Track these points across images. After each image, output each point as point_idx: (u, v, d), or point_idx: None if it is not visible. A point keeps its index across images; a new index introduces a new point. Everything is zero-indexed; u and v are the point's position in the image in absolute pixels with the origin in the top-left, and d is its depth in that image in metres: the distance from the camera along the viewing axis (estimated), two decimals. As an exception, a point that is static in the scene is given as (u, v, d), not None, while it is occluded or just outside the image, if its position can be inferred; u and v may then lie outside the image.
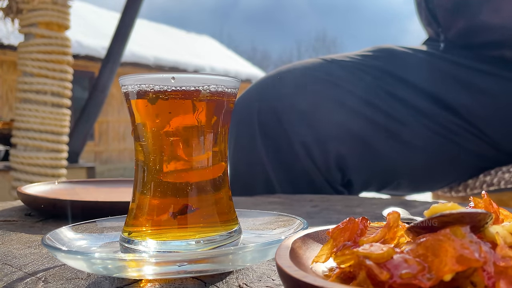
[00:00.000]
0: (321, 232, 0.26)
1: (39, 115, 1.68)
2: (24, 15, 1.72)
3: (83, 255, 0.25)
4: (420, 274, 0.18)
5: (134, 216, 0.30)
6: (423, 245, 0.18)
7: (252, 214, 0.36)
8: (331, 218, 0.46)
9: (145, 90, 0.29)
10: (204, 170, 0.30)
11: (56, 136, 1.71)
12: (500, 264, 0.18)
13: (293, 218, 0.33)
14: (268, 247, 0.26)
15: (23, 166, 1.67)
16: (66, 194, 0.53)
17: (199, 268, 0.26)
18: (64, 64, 1.73)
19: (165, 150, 0.30)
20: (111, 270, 0.25)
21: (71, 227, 0.32)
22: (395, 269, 0.18)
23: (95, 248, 0.30)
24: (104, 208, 0.43)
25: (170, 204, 0.30)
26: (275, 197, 0.63)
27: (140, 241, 0.29)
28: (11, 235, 0.38)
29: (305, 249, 0.25)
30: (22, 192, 0.48)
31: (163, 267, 0.25)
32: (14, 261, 0.30)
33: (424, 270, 0.18)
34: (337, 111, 0.68)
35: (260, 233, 0.33)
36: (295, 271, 0.19)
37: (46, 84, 1.69)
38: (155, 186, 0.30)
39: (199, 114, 0.30)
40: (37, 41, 1.68)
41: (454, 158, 0.69)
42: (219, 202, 0.31)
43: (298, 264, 0.21)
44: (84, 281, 0.26)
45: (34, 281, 0.26)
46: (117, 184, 0.60)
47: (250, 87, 0.76)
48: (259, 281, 0.26)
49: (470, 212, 0.20)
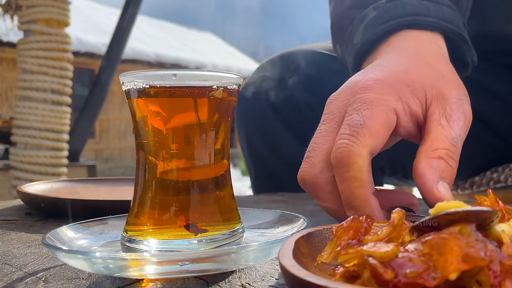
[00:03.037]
0: (325, 230, 0.26)
1: (39, 113, 1.67)
2: (24, 12, 1.71)
3: (84, 255, 0.25)
4: (425, 273, 0.17)
5: (136, 215, 0.30)
6: (428, 244, 0.18)
7: (255, 212, 0.36)
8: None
9: (146, 87, 0.29)
10: (206, 168, 0.30)
11: (57, 134, 1.71)
12: (506, 262, 0.18)
13: (296, 217, 0.32)
14: (271, 246, 0.26)
15: (23, 164, 1.67)
16: (67, 193, 0.53)
17: (201, 267, 0.25)
18: (64, 61, 1.73)
19: (167, 148, 0.29)
20: (112, 269, 0.25)
21: (72, 226, 0.31)
22: (400, 268, 0.18)
23: (96, 248, 0.30)
24: (105, 207, 0.43)
25: (172, 203, 0.29)
26: (278, 195, 0.63)
27: (142, 240, 0.29)
28: (11, 234, 0.38)
29: (309, 248, 0.24)
30: (22, 191, 0.47)
31: (164, 267, 0.25)
32: (14, 261, 0.30)
33: (429, 269, 0.17)
34: None
35: (263, 231, 0.33)
36: (298, 270, 0.19)
37: (46, 82, 1.68)
38: (156, 184, 0.30)
39: (201, 111, 0.30)
40: (37, 38, 1.68)
41: (465, 146, 0.68)
42: (221, 200, 0.31)
43: (301, 263, 0.21)
44: (85, 281, 0.26)
45: (34, 281, 0.26)
46: (118, 182, 0.60)
47: (253, 72, 0.75)
48: (262, 280, 0.26)
49: (475, 210, 0.20)
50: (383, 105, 0.32)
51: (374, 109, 0.31)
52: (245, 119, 0.74)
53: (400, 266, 0.18)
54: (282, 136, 0.69)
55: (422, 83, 0.34)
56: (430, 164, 0.31)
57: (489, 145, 0.68)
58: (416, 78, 0.34)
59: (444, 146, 0.31)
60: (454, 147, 0.32)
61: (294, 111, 0.68)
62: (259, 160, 0.73)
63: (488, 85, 0.67)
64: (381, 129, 0.31)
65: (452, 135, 0.32)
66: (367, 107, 0.31)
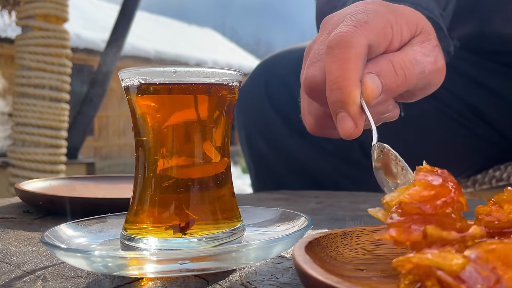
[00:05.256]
0: (331, 234, 0.26)
1: (37, 109, 1.67)
2: (22, 7, 1.70)
3: (82, 253, 0.25)
4: (496, 286, 0.17)
5: (135, 213, 0.30)
6: (492, 253, 0.17)
7: (255, 210, 0.35)
8: (336, 215, 0.46)
9: (145, 84, 0.29)
10: (206, 166, 0.30)
11: (55, 131, 1.71)
12: None
13: (297, 215, 0.32)
14: (272, 244, 0.26)
15: (21, 162, 1.67)
16: (65, 191, 0.52)
17: (201, 266, 0.25)
18: (62, 58, 1.72)
19: (166, 145, 0.29)
20: (111, 268, 0.25)
21: (71, 224, 0.31)
22: (471, 281, 0.17)
23: (95, 246, 0.30)
24: (104, 204, 0.42)
25: (172, 201, 0.29)
26: (279, 193, 0.63)
27: (141, 238, 0.29)
28: (9, 232, 0.38)
29: (321, 249, 0.24)
30: (20, 189, 0.47)
31: (164, 265, 0.25)
32: (12, 259, 0.30)
33: (498, 282, 0.17)
34: None
35: (263, 230, 0.33)
36: (327, 278, 0.18)
37: (44, 78, 1.67)
38: (156, 182, 0.29)
39: (201, 108, 0.29)
40: (35, 34, 1.67)
41: (466, 143, 0.68)
42: (222, 198, 0.30)
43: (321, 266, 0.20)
44: (84, 280, 0.26)
45: (32, 280, 0.26)
46: (117, 180, 0.60)
47: (253, 69, 0.75)
48: (263, 279, 0.26)
49: None
50: (385, 18, 0.33)
51: (377, 16, 0.32)
52: (245, 117, 0.73)
53: (471, 279, 0.17)
54: (282, 134, 0.69)
55: (415, 16, 0.36)
56: (374, 63, 0.32)
57: (491, 143, 0.68)
58: (409, 12, 0.36)
59: (403, 58, 0.32)
60: (411, 64, 0.33)
61: (294, 109, 0.68)
62: (259, 159, 0.73)
63: (489, 84, 0.67)
64: (382, 32, 0.32)
65: (417, 59, 0.33)
66: (371, 13, 0.32)
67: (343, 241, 0.26)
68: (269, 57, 0.76)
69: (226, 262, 0.26)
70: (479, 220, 0.23)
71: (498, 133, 0.67)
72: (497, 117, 0.67)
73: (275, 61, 0.73)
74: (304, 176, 0.70)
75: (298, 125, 0.69)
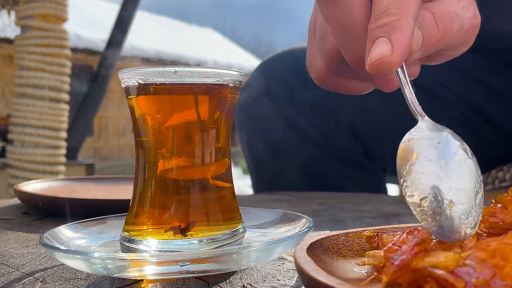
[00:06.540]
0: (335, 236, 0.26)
1: (36, 110, 1.66)
2: (21, 7, 1.70)
3: (82, 255, 0.25)
4: (493, 280, 0.17)
5: (135, 214, 0.30)
6: (489, 250, 0.17)
7: (256, 212, 0.35)
8: (338, 216, 0.46)
9: (145, 84, 0.28)
10: (206, 167, 0.30)
11: (54, 132, 1.70)
12: None
13: (299, 216, 0.32)
14: (273, 246, 0.26)
15: (20, 163, 1.66)
16: (65, 192, 0.52)
17: (201, 268, 0.25)
18: (62, 58, 1.71)
19: (167, 146, 0.29)
20: (111, 270, 0.25)
21: (70, 225, 0.31)
22: (468, 276, 0.17)
23: (95, 248, 0.30)
24: (103, 206, 0.42)
25: (172, 202, 0.29)
26: (281, 194, 0.63)
27: (141, 240, 0.28)
28: (8, 234, 0.37)
29: (322, 252, 0.24)
30: (19, 190, 0.47)
31: (164, 267, 0.25)
32: (11, 261, 0.30)
33: (495, 276, 0.17)
34: None
35: (264, 231, 0.33)
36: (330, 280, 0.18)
37: (44, 78, 1.67)
38: (156, 183, 0.29)
39: (202, 109, 0.29)
40: (34, 33, 1.66)
41: (468, 144, 0.67)
42: (222, 199, 0.30)
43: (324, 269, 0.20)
44: (84, 282, 0.26)
45: (31, 282, 0.26)
46: (117, 181, 0.59)
47: (254, 70, 0.75)
48: (263, 281, 0.26)
49: None
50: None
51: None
52: (246, 118, 0.73)
53: (468, 274, 0.17)
54: (283, 135, 0.69)
55: None
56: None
57: (493, 143, 0.68)
58: None
59: (442, 9, 0.28)
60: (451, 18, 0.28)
61: (296, 109, 0.68)
62: (259, 159, 0.73)
63: (491, 84, 0.66)
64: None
65: (457, 12, 0.29)
66: None
67: (345, 243, 0.26)
68: (270, 57, 0.75)
69: (227, 264, 0.26)
70: (483, 221, 0.23)
71: (501, 133, 0.67)
72: (500, 117, 0.67)
73: (276, 61, 0.73)
74: (305, 177, 0.70)
75: (299, 126, 0.69)
